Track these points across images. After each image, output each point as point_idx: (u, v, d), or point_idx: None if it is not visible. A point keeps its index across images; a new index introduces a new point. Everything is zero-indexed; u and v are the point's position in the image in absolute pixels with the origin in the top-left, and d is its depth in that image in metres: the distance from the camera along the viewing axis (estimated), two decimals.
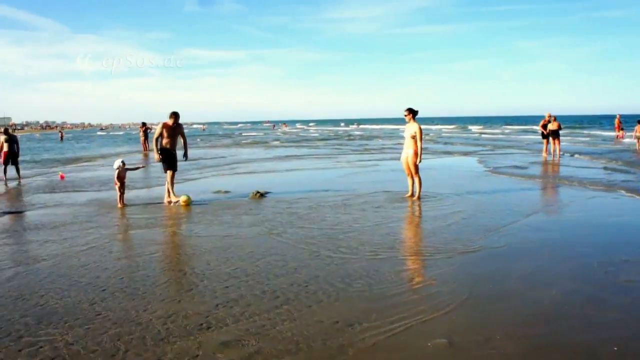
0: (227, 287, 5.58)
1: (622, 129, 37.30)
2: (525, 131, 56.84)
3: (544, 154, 22.33)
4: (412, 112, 11.15)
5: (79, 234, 8.34)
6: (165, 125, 11.34)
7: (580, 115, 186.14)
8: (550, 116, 21.86)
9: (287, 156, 26.00)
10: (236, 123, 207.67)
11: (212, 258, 6.75)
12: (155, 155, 11.40)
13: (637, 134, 27.18)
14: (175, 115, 11.38)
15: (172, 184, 11.37)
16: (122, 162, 11.16)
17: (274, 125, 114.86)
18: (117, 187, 11.00)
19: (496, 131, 61.43)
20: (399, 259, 6.60)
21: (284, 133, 71.51)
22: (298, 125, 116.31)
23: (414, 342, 4.18)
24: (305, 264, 6.35)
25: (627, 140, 32.38)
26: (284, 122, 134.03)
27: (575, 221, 8.71)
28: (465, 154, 25.40)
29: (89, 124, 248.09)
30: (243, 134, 69.25)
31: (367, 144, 36.81)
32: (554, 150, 21.66)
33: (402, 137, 11.92)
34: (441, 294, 5.27)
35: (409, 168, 11.23)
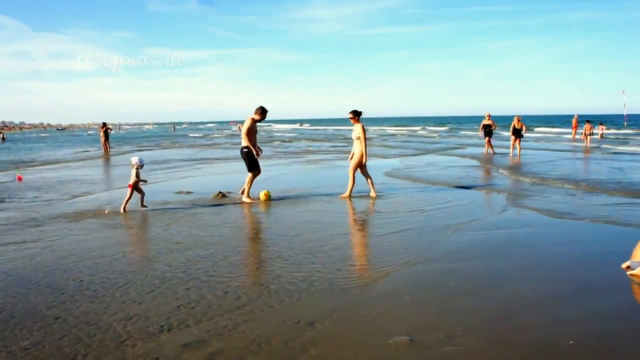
0: (188, 288, 5.56)
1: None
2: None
3: (485, 151, 24.09)
4: (356, 114, 11.37)
5: (38, 236, 8.17)
6: (254, 121, 11.14)
7: (549, 115, 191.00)
8: (489, 116, 23.46)
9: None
10: (204, 122, 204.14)
11: (174, 259, 6.70)
12: (254, 151, 11.16)
13: (587, 132, 29.52)
14: (263, 111, 11.14)
15: (251, 183, 11.21)
16: (141, 161, 10.39)
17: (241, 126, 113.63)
18: (130, 189, 10.16)
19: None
20: (360, 258, 6.68)
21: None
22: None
23: (376, 339, 4.23)
24: (267, 264, 6.38)
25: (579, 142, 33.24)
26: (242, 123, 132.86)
27: (535, 220, 8.93)
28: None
29: (48, 124, 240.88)
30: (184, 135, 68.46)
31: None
32: (513, 148, 22.87)
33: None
34: (402, 292, 5.35)
35: (354, 168, 11.45)
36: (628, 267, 5.75)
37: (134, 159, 10.33)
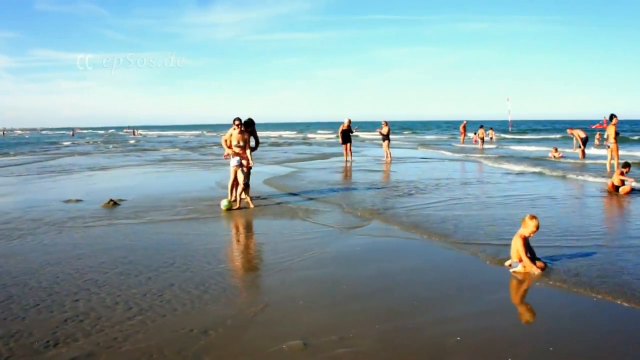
0: (76, 300, 5.39)
1: (475, 133, 39.61)
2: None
3: (345, 159, 22.27)
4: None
5: None
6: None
7: (445, 120, 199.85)
8: (350, 121, 22.38)
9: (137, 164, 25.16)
10: (95, 128, 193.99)
11: (61, 270, 6.45)
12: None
13: (480, 136, 32.38)
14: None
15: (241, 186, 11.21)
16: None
17: (134, 131, 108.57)
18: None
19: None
20: (253, 264, 6.75)
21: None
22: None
23: (270, 345, 4.33)
24: (159, 273, 6.29)
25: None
26: (136, 128, 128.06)
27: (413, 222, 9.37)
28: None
29: None
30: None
31: None
32: (386, 152, 23.53)
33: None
34: (296, 297, 5.49)
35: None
36: (510, 266, 6.31)
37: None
